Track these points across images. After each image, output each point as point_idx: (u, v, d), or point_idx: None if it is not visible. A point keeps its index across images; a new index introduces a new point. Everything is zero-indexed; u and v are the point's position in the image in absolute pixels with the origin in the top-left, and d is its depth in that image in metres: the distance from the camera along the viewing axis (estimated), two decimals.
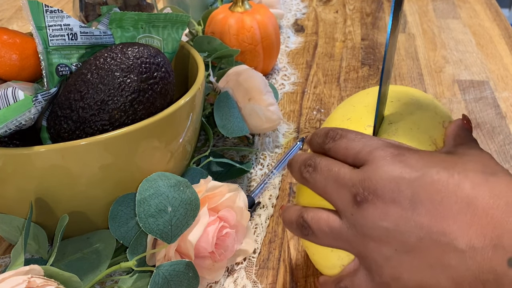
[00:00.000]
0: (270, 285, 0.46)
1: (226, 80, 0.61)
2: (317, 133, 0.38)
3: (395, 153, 0.34)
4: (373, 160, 0.34)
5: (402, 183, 0.32)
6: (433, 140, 0.37)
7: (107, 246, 0.44)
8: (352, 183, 0.34)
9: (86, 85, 0.44)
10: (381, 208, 0.32)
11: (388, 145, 0.35)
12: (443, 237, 0.31)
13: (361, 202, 0.33)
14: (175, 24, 0.52)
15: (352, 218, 0.34)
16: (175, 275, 0.41)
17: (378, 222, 0.33)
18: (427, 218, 0.32)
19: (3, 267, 0.48)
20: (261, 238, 0.50)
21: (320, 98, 0.73)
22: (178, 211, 0.42)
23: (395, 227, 0.32)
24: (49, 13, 0.45)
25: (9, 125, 0.41)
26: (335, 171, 0.35)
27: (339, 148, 0.36)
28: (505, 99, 0.72)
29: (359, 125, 0.39)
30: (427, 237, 0.32)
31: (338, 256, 0.37)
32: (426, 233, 0.32)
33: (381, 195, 0.32)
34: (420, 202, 0.32)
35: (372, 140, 0.35)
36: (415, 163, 0.33)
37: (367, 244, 0.34)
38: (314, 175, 0.36)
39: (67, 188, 0.42)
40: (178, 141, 0.47)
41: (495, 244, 0.30)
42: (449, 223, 0.31)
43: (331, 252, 0.37)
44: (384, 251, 0.33)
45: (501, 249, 0.29)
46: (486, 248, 0.30)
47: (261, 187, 0.56)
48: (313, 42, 0.89)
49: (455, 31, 0.93)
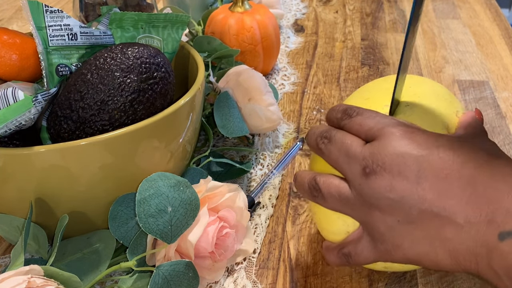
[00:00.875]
0: (270, 285, 0.46)
1: (226, 80, 0.61)
2: (335, 109, 0.40)
3: (405, 130, 0.36)
4: (384, 135, 0.36)
5: (409, 158, 0.34)
6: (445, 125, 0.39)
7: (107, 246, 0.44)
8: (362, 156, 0.36)
9: (86, 85, 0.44)
10: (388, 180, 0.34)
11: (400, 123, 0.37)
12: (443, 211, 0.33)
13: (370, 174, 0.35)
14: (175, 24, 0.52)
15: (360, 188, 0.36)
16: (175, 275, 0.41)
17: (384, 193, 0.35)
18: (430, 192, 0.33)
19: (3, 267, 0.48)
20: (261, 238, 0.50)
21: (320, 98, 0.73)
22: (178, 211, 0.42)
23: (399, 199, 0.34)
24: (49, 13, 0.45)
25: (9, 125, 0.41)
26: (347, 144, 0.37)
27: (354, 124, 0.38)
28: (505, 99, 0.72)
29: (377, 105, 0.41)
30: (429, 210, 0.33)
31: (343, 222, 0.39)
32: (428, 206, 0.33)
33: (388, 169, 0.34)
34: (425, 177, 0.34)
35: (385, 118, 0.37)
36: (424, 141, 0.35)
37: (372, 213, 0.36)
38: (329, 146, 0.38)
39: (67, 188, 0.42)
40: (178, 141, 0.47)
41: (489, 219, 0.32)
42: (450, 199, 0.33)
43: (337, 219, 0.39)
44: (388, 221, 0.35)
45: (494, 224, 0.31)
46: (481, 223, 0.32)
47: (261, 187, 0.56)
48: (313, 42, 0.89)
49: (455, 31, 0.93)
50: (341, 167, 0.37)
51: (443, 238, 0.33)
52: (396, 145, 0.35)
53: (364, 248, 0.37)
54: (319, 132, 0.39)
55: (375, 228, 0.36)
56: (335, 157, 0.38)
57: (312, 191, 0.39)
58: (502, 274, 0.31)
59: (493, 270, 0.32)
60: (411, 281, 0.45)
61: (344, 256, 0.39)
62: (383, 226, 0.35)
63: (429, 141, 0.35)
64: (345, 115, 0.39)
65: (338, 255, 0.39)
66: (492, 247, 0.31)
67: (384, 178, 0.34)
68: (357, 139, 0.37)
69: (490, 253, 0.32)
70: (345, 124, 0.38)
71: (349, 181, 0.37)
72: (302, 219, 0.53)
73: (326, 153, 0.38)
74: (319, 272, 0.47)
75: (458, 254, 0.33)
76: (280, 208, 0.54)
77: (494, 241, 0.31)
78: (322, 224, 0.42)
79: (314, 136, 0.40)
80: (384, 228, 0.35)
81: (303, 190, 0.40)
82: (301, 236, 0.51)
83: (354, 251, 0.38)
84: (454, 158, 0.34)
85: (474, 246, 0.32)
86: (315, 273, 0.47)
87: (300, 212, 0.54)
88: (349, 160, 0.36)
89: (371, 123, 0.37)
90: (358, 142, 0.37)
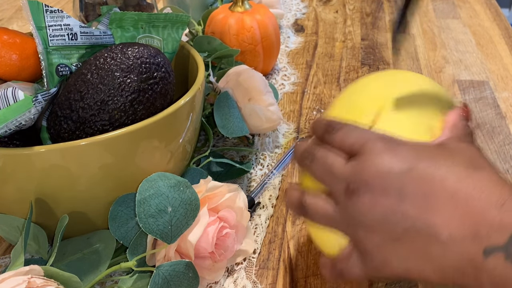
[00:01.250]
0: (270, 285, 0.46)
1: (226, 80, 0.61)
2: (318, 123, 0.40)
3: (387, 146, 0.35)
4: (365, 152, 0.35)
5: (391, 175, 0.34)
6: (430, 128, 0.38)
7: (107, 246, 0.44)
8: (345, 175, 0.36)
9: (86, 85, 0.44)
10: (371, 199, 0.34)
11: (381, 138, 0.36)
12: (427, 229, 0.33)
13: (353, 193, 0.35)
14: (175, 24, 0.52)
15: (345, 206, 0.36)
16: (175, 275, 0.41)
17: (367, 212, 0.34)
18: (413, 210, 0.33)
19: (3, 267, 0.48)
20: (261, 238, 0.50)
21: (320, 98, 0.73)
22: (178, 211, 0.42)
23: (383, 217, 0.34)
24: (49, 13, 0.45)
25: (9, 125, 0.41)
26: (330, 162, 0.37)
27: (336, 139, 0.38)
28: (505, 99, 0.72)
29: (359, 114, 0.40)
30: (412, 228, 0.33)
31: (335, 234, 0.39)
32: (411, 224, 0.33)
33: (371, 187, 0.34)
34: (407, 194, 0.33)
35: (366, 133, 0.37)
36: (405, 156, 0.35)
37: (358, 231, 0.36)
38: (313, 165, 0.38)
39: (67, 188, 0.42)
40: (178, 141, 0.47)
41: (473, 235, 0.31)
42: (433, 215, 0.33)
43: (330, 233, 0.39)
44: (374, 239, 0.35)
45: (478, 240, 0.31)
46: (465, 239, 0.31)
47: (261, 187, 0.56)
48: (313, 42, 0.89)
49: (455, 31, 0.93)
50: (327, 185, 0.37)
51: (429, 256, 0.33)
52: (378, 162, 0.34)
53: (354, 265, 0.37)
54: (302, 150, 0.40)
55: (362, 246, 0.36)
56: (320, 175, 0.38)
57: (301, 210, 0.39)
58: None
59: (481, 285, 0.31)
60: (411, 281, 0.45)
61: (337, 272, 0.39)
62: (369, 244, 0.35)
63: (410, 155, 0.35)
64: (326, 132, 0.39)
65: (332, 272, 0.39)
66: (478, 263, 0.31)
67: (367, 196, 0.34)
68: (340, 156, 0.37)
69: (476, 269, 0.31)
70: (327, 139, 0.38)
71: (335, 198, 0.37)
72: (302, 219, 0.53)
73: (311, 171, 0.39)
74: (319, 272, 0.47)
75: (445, 271, 0.33)
76: (280, 208, 0.54)
77: (480, 258, 0.31)
78: (317, 238, 0.42)
79: (299, 153, 0.40)
80: (370, 246, 0.35)
81: (292, 208, 0.40)
82: (301, 236, 0.51)
83: (345, 268, 0.38)
84: (435, 172, 0.33)
85: (460, 262, 0.32)
86: (315, 273, 0.47)
87: None
88: (332, 179, 0.37)
89: (352, 139, 0.37)
90: (341, 160, 0.37)
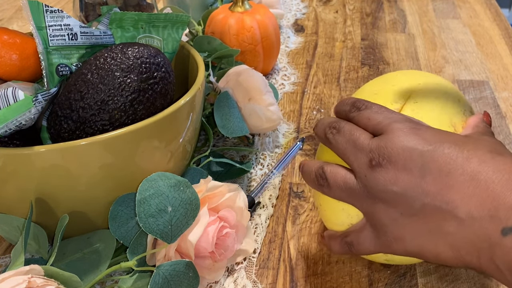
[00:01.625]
0: (270, 285, 0.46)
1: (226, 80, 0.61)
2: (344, 102, 0.41)
3: (412, 126, 0.36)
4: (391, 130, 0.36)
5: (415, 153, 0.35)
6: (453, 123, 0.40)
7: (107, 246, 0.44)
8: (369, 148, 0.37)
9: (86, 85, 0.44)
10: (393, 173, 0.35)
11: (407, 119, 0.37)
12: (445, 205, 0.33)
13: (375, 166, 0.36)
14: (175, 24, 0.52)
15: (366, 179, 0.36)
16: (175, 275, 0.41)
17: (388, 186, 0.35)
18: (433, 186, 0.34)
19: (3, 267, 0.48)
20: (261, 238, 0.50)
21: (320, 98, 0.73)
22: (178, 211, 0.42)
23: (403, 192, 0.35)
24: (49, 13, 0.45)
25: (9, 125, 0.41)
26: (356, 136, 0.38)
27: (362, 117, 0.39)
28: (505, 99, 0.72)
29: (385, 99, 0.42)
30: (431, 203, 0.34)
31: (348, 214, 0.40)
32: (430, 200, 0.34)
33: (394, 162, 0.35)
34: (429, 171, 0.34)
35: (393, 113, 0.38)
36: (430, 137, 0.36)
37: (376, 205, 0.36)
38: (337, 137, 0.39)
39: (67, 188, 0.42)
40: (178, 141, 0.47)
41: (491, 215, 0.32)
42: (452, 193, 0.33)
43: (341, 211, 0.40)
44: (391, 213, 0.36)
45: (496, 220, 0.31)
46: (484, 218, 0.32)
47: (261, 187, 0.56)
48: (313, 42, 0.89)
49: (455, 31, 0.93)
50: (348, 158, 0.38)
51: (445, 231, 0.34)
52: (403, 140, 0.35)
53: (366, 238, 0.38)
54: (328, 123, 0.40)
55: (378, 220, 0.37)
56: (343, 148, 0.38)
57: (319, 180, 0.40)
58: (504, 269, 0.31)
59: (495, 264, 0.32)
60: (411, 281, 0.45)
61: (346, 245, 0.40)
62: (386, 218, 0.36)
63: (435, 137, 0.36)
64: (353, 108, 0.40)
65: (340, 244, 0.40)
66: (495, 242, 0.32)
67: (389, 171, 0.35)
68: (365, 132, 0.38)
69: (492, 248, 0.32)
70: (353, 117, 0.39)
71: (355, 172, 0.37)
72: (302, 219, 0.53)
73: (334, 143, 0.39)
74: (319, 272, 0.47)
75: (460, 248, 0.34)
76: (280, 208, 0.54)
77: (497, 236, 0.31)
78: (327, 215, 0.43)
79: (323, 126, 0.41)
80: (387, 220, 0.36)
81: (310, 179, 0.41)
82: (301, 236, 0.51)
83: (356, 240, 0.39)
84: (458, 153, 0.34)
85: (476, 240, 0.33)
86: (315, 273, 0.47)
87: (300, 212, 0.54)
88: (356, 151, 0.37)
89: (379, 118, 0.38)
90: (366, 135, 0.37)
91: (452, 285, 0.45)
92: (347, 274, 0.46)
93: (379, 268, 0.47)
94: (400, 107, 0.41)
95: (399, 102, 0.41)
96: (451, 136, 0.36)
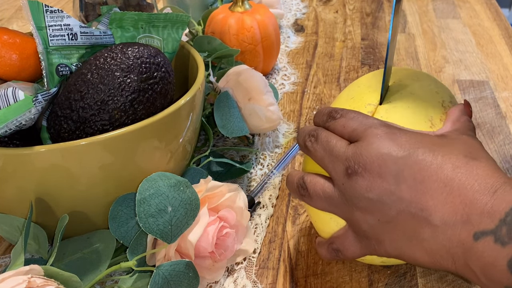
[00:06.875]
0: (270, 285, 0.46)
1: (226, 80, 0.61)
2: (321, 112, 0.42)
3: (387, 132, 0.37)
4: (366, 137, 0.37)
5: (389, 159, 0.35)
6: (430, 118, 0.40)
7: (107, 246, 0.44)
8: (345, 156, 0.37)
9: (86, 85, 0.44)
10: (368, 181, 0.36)
11: (382, 124, 0.38)
12: (420, 212, 0.34)
13: (351, 174, 0.36)
14: (175, 24, 0.52)
15: (343, 187, 0.37)
16: (175, 275, 0.41)
17: (364, 193, 0.36)
18: (408, 193, 0.34)
19: (3, 267, 0.48)
20: (261, 238, 0.50)
21: (320, 98, 0.73)
22: (178, 211, 0.42)
23: (378, 199, 0.35)
24: (49, 13, 0.45)
25: (9, 125, 0.41)
26: (332, 143, 0.38)
27: (337, 125, 0.39)
28: (505, 99, 0.72)
29: (360, 104, 0.43)
30: (406, 210, 0.35)
31: (336, 223, 0.40)
32: (405, 207, 0.35)
33: (369, 170, 0.36)
34: (403, 178, 0.35)
35: (368, 119, 0.38)
36: (404, 142, 0.36)
37: (354, 212, 0.37)
38: (315, 145, 0.39)
39: (67, 188, 0.42)
40: (178, 141, 0.47)
41: (464, 220, 0.32)
42: (426, 200, 0.34)
43: (330, 219, 0.41)
44: (368, 220, 0.37)
45: (469, 225, 0.32)
46: (456, 224, 0.33)
47: (261, 187, 0.56)
48: (313, 42, 0.89)
49: (455, 31, 0.93)
50: (327, 166, 0.39)
51: (421, 238, 0.35)
52: (378, 147, 0.36)
53: (351, 243, 0.39)
54: (307, 131, 0.41)
55: (358, 226, 0.38)
56: (321, 156, 0.39)
57: (300, 190, 0.40)
58: (478, 272, 0.32)
59: (470, 268, 0.33)
60: (411, 281, 0.45)
61: (333, 251, 0.41)
62: (364, 224, 0.37)
63: (410, 141, 0.36)
64: (329, 118, 0.40)
65: (328, 250, 0.41)
66: (468, 247, 0.32)
67: (365, 178, 0.36)
68: (342, 139, 0.38)
69: (466, 252, 0.32)
70: (329, 126, 0.40)
71: (334, 180, 0.38)
72: (302, 219, 0.53)
73: (313, 152, 0.40)
74: (319, 272, 0.47)
75: (435, 254, 0.34)
76: (280, 208, 0.54)
77: (469, 241, 0.32)
78: (317, 224, 0.44)
79: (303, 134, 0.41)
80: (365, 226, 0.37)
81: (292, 189, 0.42)
82: (301, 236, 0.51)
83: (342, 246, 0.40)
84: (433, 159, 0.34)
85: (450, 246, 0.33)
86: (315, 273, 0.47)
87: (300, 212, 0.54)
88: (333, 159, 0.38)
89: (354, 125, 0.38)
90: (342, 143, 0.38)
91: (452, 285, 0.45)
92: (347, 274, 0.46)
93: (379, 268, 0.47)
94: (373, 110, 0.41)
95: (372, 104, 0.42)
96: (426, 139, 0.36)
